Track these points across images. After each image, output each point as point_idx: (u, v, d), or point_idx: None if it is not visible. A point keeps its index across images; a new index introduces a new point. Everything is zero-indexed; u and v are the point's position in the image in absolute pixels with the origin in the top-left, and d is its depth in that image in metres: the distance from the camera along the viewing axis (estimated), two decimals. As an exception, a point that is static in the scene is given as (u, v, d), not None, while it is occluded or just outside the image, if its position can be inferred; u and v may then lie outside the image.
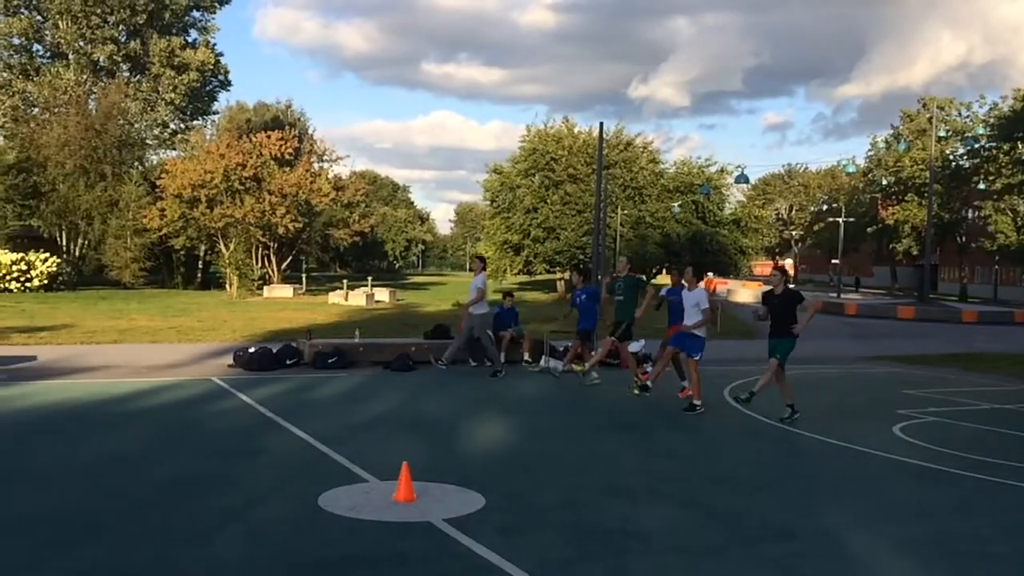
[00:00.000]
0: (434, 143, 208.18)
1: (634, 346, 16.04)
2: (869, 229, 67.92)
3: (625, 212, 42.78)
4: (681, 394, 11.58)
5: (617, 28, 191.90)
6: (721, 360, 16.47)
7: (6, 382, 11.30)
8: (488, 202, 50.11)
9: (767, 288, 10.93)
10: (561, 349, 14.84)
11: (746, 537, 5.79)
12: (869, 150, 70.36)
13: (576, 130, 47.65)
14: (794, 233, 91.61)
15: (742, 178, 25.79)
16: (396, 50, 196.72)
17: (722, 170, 46.65)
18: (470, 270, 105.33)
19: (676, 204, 42.59)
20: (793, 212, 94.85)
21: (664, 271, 50.89)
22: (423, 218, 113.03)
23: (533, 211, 44.69)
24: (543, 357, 14.55)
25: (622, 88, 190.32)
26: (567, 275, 49.12)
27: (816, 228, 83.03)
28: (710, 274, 54.90)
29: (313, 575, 4.87)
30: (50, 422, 9.07)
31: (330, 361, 13.81)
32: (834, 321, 32.32)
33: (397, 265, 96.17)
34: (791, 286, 10.92)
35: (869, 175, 68.66)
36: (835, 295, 52.02)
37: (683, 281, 11.39)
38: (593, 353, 13.15)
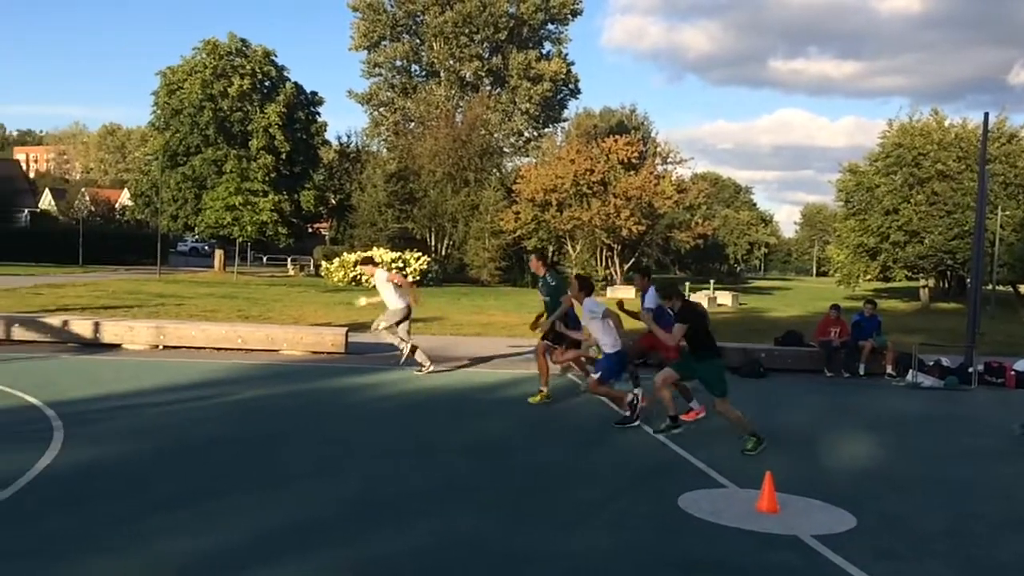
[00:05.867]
0: (778, 142, 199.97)
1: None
2: None
3: (1007, 213, 37.82)
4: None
5: (997, 8, 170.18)
6: None
7: (392, 367, 12.72)
8: (841, 203, 47.08)
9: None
10: (931, 364, 13.48)
11: None
12: None
13: (946, 123, 43.13)
14: None
15: None
16: (741, 49, 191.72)
17: None
18: (818, 275, 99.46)
19: (1078, 204, 36.76)
20: None
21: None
22: (766, 220, 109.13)
23: (893, 212, 41.17)
24: (910, 371, 13.30)
25: (1000, 75, 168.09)
26: (929, 282, 44.73)
27: None
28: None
29: (679, 575, 4.85)
30: (429, 406, 10.06)
31: (677, 363, 13.77)
32: None
33: (738, 268, 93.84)
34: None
35: None
36: None
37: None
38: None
